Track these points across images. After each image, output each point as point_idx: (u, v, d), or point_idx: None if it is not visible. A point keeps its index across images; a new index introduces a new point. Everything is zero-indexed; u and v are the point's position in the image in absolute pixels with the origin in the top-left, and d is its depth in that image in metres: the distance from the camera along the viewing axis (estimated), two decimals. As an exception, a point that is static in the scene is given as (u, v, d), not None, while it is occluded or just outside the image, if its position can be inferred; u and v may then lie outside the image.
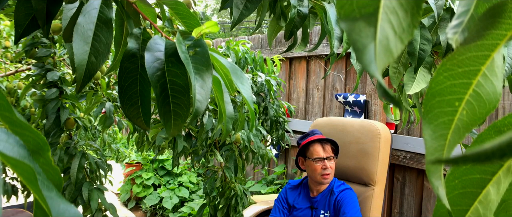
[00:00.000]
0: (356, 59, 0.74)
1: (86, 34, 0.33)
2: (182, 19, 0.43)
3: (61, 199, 0.20)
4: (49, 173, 0.23)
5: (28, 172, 0.18)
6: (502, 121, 0.24)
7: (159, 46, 0.34)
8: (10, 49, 1.63)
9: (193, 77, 0.31)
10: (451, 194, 0.25)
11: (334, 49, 0.71)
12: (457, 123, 0.23)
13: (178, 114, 0.34)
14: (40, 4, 0.36)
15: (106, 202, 1.35)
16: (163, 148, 1.42)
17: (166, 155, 3.83)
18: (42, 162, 0.22)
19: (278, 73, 2.14)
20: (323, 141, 1.63)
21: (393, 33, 0.17)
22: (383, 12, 0.17)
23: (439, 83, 0.23)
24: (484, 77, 0.23)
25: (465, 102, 0.23)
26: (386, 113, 1.20)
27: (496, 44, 0.22)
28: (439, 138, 0.23)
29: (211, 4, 18.48)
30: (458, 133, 0.23)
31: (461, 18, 0.22)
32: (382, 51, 0.16)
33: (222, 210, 1.55)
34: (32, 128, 0.21)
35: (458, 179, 0.25)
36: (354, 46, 0.16)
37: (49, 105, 1.24)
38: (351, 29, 0.17)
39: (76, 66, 0.32)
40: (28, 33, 0.39)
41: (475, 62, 0.22)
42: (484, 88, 0.23)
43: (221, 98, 0.38)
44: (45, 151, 0.22)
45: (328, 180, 1.62)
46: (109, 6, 0.35)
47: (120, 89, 0.36)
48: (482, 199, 0.25)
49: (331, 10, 0.71)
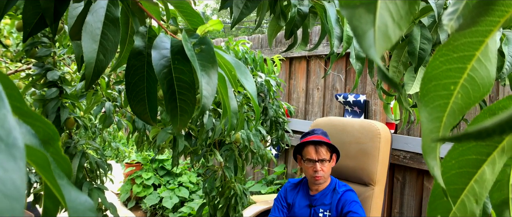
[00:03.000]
0: (357, 44, 0.74)
1: (94, 33, 0.33)
2: (186, 17, 0.44)
3: (72, 187, 0.21)
4: (59, 162, 0.23)
5: (42, 159, 0.18)
6: (496, 104, 0.26)
7: (165, 44, 0.35)
8: (10, 48, 1.63)
9: (200, 74, 0.32)
10: (448, 174, 0.26)
11: (334, 48, 0.72)
12: (452, 106, 0.24)
13: (185, 110, 0.34)
14: (48, 3, 0.36)
15: (106, 202, 1.35)
16: (163, 148, 1.43)
17: (166, 155, 3.83)
18: (52, 152, 0.22)
19: (278, 73, 2.15)
20: (317, 143, 1.62)
21: (392, 20, 0.18)
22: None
23: (435, 68, 0.24)
24: (478, 62, 0.23)
25: (460, 86, 0.24)
26: (386, 113, 1.20)
27: (489, 30, 0.23)
28: (435, 120, 0.24)
29: (211, 4, 18.49)
30: (453, 116, 0.24)
31: (456, 6, 0.23)
32: (381, 36, 0.17)
33: (222, 210, 1.55)
34: (42, 118, 0.21)
35: (454, 159, 0.26)
36: (354, 31, 0.17)
37: (49, 105, 1.24)
38: (351, 15, 0.18)
39: (85, 64, 0.33)
40: (36, 31, 0.39)
41: (469, 47, 0.23)
42: (478, 73, 0.24)
43: (225, 93, 0.38)
44: (55, 140, 0.22)
45: (319, 182, 1.62)
46: (116, 5, 0.36)
47: (127, 85, 0.37)
48: (477, 179, 0.26)
49: (331, 10, 0.71)
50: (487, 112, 0.26)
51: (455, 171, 0.26)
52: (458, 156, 0.26)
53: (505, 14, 0.23)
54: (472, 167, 0.26)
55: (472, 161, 0.26)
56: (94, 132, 1.95)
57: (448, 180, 0.26)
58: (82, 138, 1.42)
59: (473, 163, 0.26)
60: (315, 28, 2.75)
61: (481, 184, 0.26)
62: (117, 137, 2.93)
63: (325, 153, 1.61)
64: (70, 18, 0.38)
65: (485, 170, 0.26)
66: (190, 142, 1.36)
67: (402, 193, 2.23)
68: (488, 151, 0.26)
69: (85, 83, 0.34)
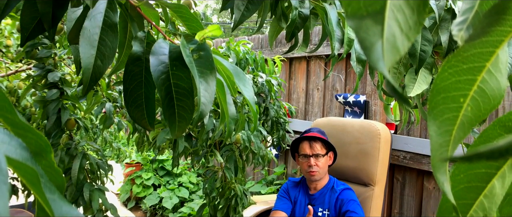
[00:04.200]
0: (365, 56, 0.74)
1: (92, 38, 0.33)
2: (185, 21, 0.43)
3: (63, 201, 0.20)
4: (52, 175, 0.23)
5: (31, 175, 0.18)
6: (507, 116, 0.24)
7: (163, 49, 0.35)
8: (11, 49, 1.63)
9: (198, 81, 0.31)
10: (456, 188, 0.25)
11: (335, 51, 0.71)
12: (462, 119, 0.23)
13: (183, 117, 0.34)
14: (46, 8, 0.36)
15: (107, 203, 1.36)
16: (163, 148, 1.43)
17: (166, 155, 3.83)
18: (45, 164, 0.22)
19: (279, 73, 2.14)
20: (311, 138, 1.65)
21: (400, 31, 0.17)
22: (389, 10, 0.17)
23: (444, 80, 0.23)
24: (488, 73, 0.23)
25: (470, 98, 0.23)
26: (386, 114, 1.20)
27: (500, 40, 0.22)
28: (445, 134, 0.23)
29: (211, 5, 18.47)
30: (463, 129, 0.23)
31: (466, 15, 0.23)
32: (390, 48, 0.17)
33: (222, 211, 1.55)
34: (34, 130, 0.21)
35: (463, 173, 0.25)
36: (361, 44, 0.17)
37: (50, 106, 1.24)
38: (358, 27, 0.17)
39: (82, 69, 0.32)
40: (34, 36, 0.39)
41: (479, 58, 0.22)
42: (488, 84, 0.23)
43: (223, 99, 0.38)
44: (47, 153, 0.22)
45: (315, 178, 1.63)
46: (114, 10, 0.35)
47: (125, 91, 0.36)
48: (487, 193, 0.25)
49: (332, 12, 0.71)
50: (497, 125, 0.25)
51: (464, 186, 0.25)
52: (466, 170, 0.25)
53: None
54: (482, 181, 0.25)
55: (481, 175, 0.25)
56: (95, 133, 1.95)
57: (456, 195, 0.25)
58: (83, 139, 1.42)
59: (483, 177, 0.25)
60: (315, 28, 2.75)
61: (490, 199, 0.25)
62: (118, 138, 2.93)
63: (320, 149, 1.63)
64: (68, 21, 0.38)
65: (495, 184, 0.25)
66: (191, 143, 1.36)
67: (402, 193, 2.22)
68: (498, 164, 0.24)
69: (83, 88, 0.34)
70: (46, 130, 1.24)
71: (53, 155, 0.21)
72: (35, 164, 0.20)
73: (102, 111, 1.33)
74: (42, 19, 0.37)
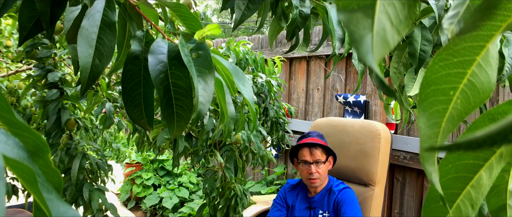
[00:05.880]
0: (354, 49, 0.74)
1: (90, 37, 0.33)
2: (184, 21, 0.43)
3: (60, 201, 0.20)
4: (49, 175, 0.23)
5: (28, 174, 0.18)
6: (496, 109, 0.25)
7: (162, 49, 0.35)
8: (11, 49, 1.63)
9: (196, 80, 0.31)
10: (444, 178, 0.26)
11: (336, 50, 0.71)
12: (451, 111, 0.23)
13: (181, 116, 0.34)
14: (44, 7, 0.36)
15: (107, 203, 1.35)
16: (163, 149, 1.42)
17: (166, 155, 3.83)
18: (42, 164, 0.22)
19: (279, 74, 2.14)
20: (312, 145, 1.61)
21: (390, 25, 0.17)
22: (380, 3, 0.17)
23: (435, 72, 0.23)
24: (478, 67, 0.23)
25: (460, 91, 0.23)
26: (386, 113, 1.20)
27: (491, 35, 0.22)
28: (433, 126, 0.23)
29: (212, 4, 18.48)
30: (452, 122, 0.23)
31: (457, 9, 0.23)
32: (379, 42, 0.17)
33: (222, 211, 1.55)
34: (31, 129, 0.21)
35: (451, 164, 0.26)
36: (351, 37, 0.17)
37: (50, 106, 1.24)
38: (349, 20, 0.17)
39: (80, 69, 0.32)
40: (32, 35, 0.39)
41: (470, 52, 0.23)
42: (478, 78, 0.23)
43: (223, 99, 0.38)
44: (44, 152, 0.22)
45: (315, 185, 1.61)
46: (112, 9, 0.35)
47: (124, 90, 0.36)
48: (474, 184, 0.26)
49: (333, 11, 0.71)
50: (486, 117, 0.25)
51: (452, 176, 0.26)
52: (455, 161, 0.26)
53: (507, 18, 0.22)
54: (469, 172, 0.26)
55: (469, 165, 0.25)
56: (95, 133, 1.95)
57: (444, 185, 0.26)
58: (83, 139, 1.42)
59: (470, 168, 0.25)
60: (315, 28, 2.75)
61: (477, 189, 0.25)
62: (119, 138, 2.93)
63: (320, 155, 1.60)
64: (66, 21, 0.38)
65: (482, 175, 0.25)
66: (191, 143, 1.36)
67: (402, 193, 2.22)
68: (485, 156, 0.25)
69: (81, 88, 0.34)
70: (46, 130, 1.24)
71: (51, 155, 0.21)
72: (32, 164, 0.20)
73: (102, 111, 1.33)
74: (40, 18, 0.37)
